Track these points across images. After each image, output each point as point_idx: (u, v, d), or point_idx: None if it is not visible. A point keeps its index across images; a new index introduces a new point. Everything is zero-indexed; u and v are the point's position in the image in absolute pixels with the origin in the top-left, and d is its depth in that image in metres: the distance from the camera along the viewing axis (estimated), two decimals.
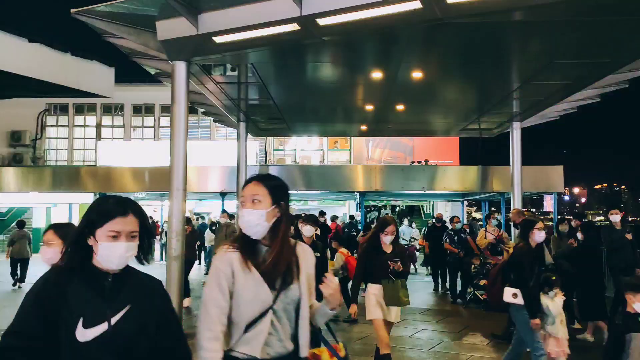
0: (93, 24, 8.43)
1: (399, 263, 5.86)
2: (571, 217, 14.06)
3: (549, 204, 27.22)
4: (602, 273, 8.56)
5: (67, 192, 18.33)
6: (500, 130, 15.05)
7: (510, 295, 5.63)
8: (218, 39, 7.56)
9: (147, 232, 2.36)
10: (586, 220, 12.23)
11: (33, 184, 17.84)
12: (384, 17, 6.13)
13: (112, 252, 2.21)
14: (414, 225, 16.61)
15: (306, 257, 2.68)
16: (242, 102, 12.02)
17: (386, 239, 5.90)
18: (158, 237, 19.09)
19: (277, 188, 2.60)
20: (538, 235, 5.77)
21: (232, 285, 2.46)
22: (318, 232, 10.84)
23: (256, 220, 2.50)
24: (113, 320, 2.19)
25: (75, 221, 14.98)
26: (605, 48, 7.90)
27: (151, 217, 24.98)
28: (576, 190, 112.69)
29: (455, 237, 12.12)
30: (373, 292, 5.91)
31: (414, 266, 16.46)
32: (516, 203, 13.09)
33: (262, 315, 2.45)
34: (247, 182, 2.63)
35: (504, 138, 16.56)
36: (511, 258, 6.09)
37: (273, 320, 2.47)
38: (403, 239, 14.83)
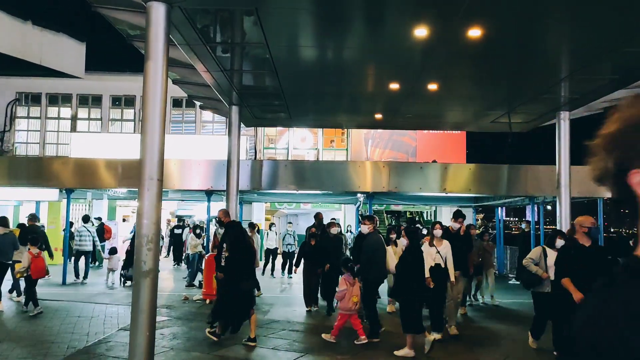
0: None
1: None
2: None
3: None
4: (422, 285, 7.55)
5: (27, 187, 15.79)
6: (537, 124, 12.92)
7: None
8: None
9: None
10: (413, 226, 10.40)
11: None
12: None
13: None
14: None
15: None
16: (237, 77, 9.74)
17: None
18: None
19: None
20: None
21: None
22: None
23: None
24: None
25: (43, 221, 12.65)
26: None
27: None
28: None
29: None
30: None
31: None
32: (563, 208, 10.93)
33: None
34: None
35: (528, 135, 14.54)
36: None
37: None
38: None
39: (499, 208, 19.16)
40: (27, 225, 12.90)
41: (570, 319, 6.69)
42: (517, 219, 75.62)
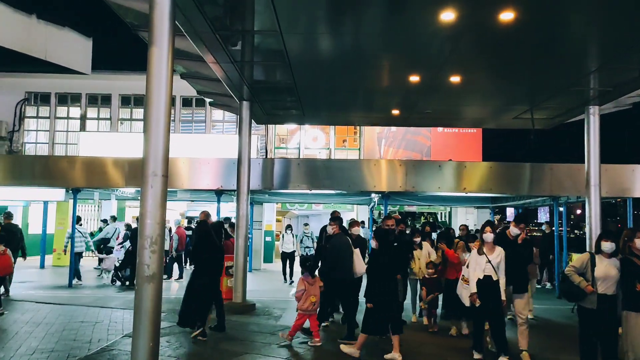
0: None
1: None
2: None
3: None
4: (395, 284, 7.51)
5: (31, 187, 15.38)
6: (562, 120, 12.31)
7: None
8: None
9: None
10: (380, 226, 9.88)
11: None
12: None
13: None
14: None
15: None
16: (248, 69, 9.23)
17: None
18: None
19: None
20: None
21: None
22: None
23: None
24: None
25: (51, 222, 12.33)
26: None
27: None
28: None
29: None
30: None
31: None
32: (593, 209, 10.32)
33: None
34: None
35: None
36: None
37: None
38: None
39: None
40: (2, 223, 12.69)
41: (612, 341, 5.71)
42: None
